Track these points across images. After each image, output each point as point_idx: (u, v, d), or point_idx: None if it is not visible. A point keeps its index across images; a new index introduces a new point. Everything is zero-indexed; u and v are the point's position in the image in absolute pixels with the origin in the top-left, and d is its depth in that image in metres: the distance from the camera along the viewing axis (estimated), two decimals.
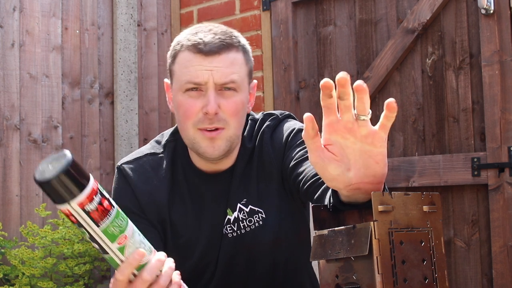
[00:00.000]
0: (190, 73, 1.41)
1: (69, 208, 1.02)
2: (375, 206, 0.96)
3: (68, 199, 1.01)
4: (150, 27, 4.00)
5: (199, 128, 1.43)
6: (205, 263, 1.53)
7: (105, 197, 1.05)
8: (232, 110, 1.43)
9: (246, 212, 1.51)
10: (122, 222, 1.06)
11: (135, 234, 1.09)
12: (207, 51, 1.41)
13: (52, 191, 1.01)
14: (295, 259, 1.59)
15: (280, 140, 1.54)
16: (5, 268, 3.12)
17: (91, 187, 1.03)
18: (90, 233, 1.05)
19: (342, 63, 3.43)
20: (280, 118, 1.59)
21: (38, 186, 1.01)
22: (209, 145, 1.44)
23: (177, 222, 1.52)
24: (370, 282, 0.96)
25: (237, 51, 1.46)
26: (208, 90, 1.41)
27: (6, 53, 3.38)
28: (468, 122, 3.02)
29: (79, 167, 1.02)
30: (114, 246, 1.06)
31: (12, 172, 3.35)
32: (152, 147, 1.59)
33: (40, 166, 1.03)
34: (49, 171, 1.01)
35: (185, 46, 1.43)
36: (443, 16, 3.12)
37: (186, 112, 1.43)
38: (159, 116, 3.95)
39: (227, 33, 1.46)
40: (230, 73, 1.42)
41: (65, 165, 1.00)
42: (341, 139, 1.00)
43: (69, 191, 1.01)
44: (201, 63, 1.41)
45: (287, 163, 1.49)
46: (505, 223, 2.86)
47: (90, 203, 1.02)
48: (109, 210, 1.05)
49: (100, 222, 1.04)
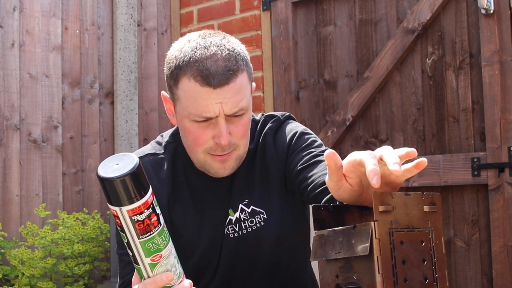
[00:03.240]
0: (200, 107, 1.37)
1: (119, 211, 1.02)
2: (375, 206, 0.96)
3: (122, 203, 1.01)
4: (150, 27, 4.00)
5: (210, 153, 1.43)
6: (206, 263, 1.53)
7: (156, 213, 1.05)
8: (242, 133, 1.43)
9: (247, 213, 1.51)
10: (162, 241, 1.07)
11: (171, 256, 1.10)
12: (216, 84, 1.36)
13: (111, 191, 1.00)
14: (296, 259, 1.59)
15: (283, 142, 1.54)
16: (5, 268, 3.12)
17: (146, 199, 1.02)
18: (129, 240, 1.05)
19: (342, 63, 3.43)
20: (282, 119, 1.59)
21: (99, 182, 1.00)
22: (220, 167, 1.45)
23: (178, 222, 1.52)
24: (370, 282, 0.96)
25: (242, 72, 1.40)
26: (219, 121, 1.39)
27: (6, 53, 3.38)
28: (468, 122, 3.02)
29: (143, 175, 1.02)
30: (147, 260, 1.07)
31: (12, 172, 3.34)
32: (153, 147, 1.59)
33: (106, 161, 1.02)
34: (114, 170, 1.00)
35: (190, 74, 1.37)
36: (443, 16, 3.12)
37: (197, 140, 1.42)
38: (159, 116, 3.96)
39: (231, 54, 1.39)
40: (239, 100, 1.39)
41: (132, 169, 0.99)
42: (363, 175, 1.03)
43: (127, 196, 1.00)
44: (210, 96, 1.36)
45: (292, 167, 1.49)
46: (505, 223, 2.86)
47: (139, 214, 1.02)
48: (155, 226, 1.05)
49: (142, 235, 1.04)
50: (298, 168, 1.47)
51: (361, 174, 1.03)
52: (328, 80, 3.48)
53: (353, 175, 1.04)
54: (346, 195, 1.06)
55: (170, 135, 1.59)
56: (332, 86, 3.46)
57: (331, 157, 1.01)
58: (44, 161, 3.46)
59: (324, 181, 1.36)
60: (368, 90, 3.29)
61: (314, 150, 1.49)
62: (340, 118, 3.37)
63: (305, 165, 1.46)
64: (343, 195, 1.06)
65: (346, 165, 1.03)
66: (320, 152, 1.48)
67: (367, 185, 1.06)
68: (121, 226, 1.04)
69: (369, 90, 3.28)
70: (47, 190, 3.46)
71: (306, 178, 1.43)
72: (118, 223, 1.04)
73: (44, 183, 3.46)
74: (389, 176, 1.03)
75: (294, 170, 1.49)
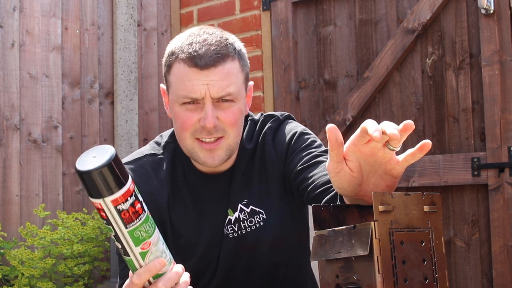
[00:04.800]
0: (187, 88, 1.40)
1: (102, 203, 1.01)
2: (375, 206, 0.96)
3: (104, 195, 1.00)
4: (150, 27, 4.00)
5: (196, 138, 1.44)
6: (206, 263, 1.53)
7: (139, 200, 1.04)
8: (231, 121, 1.43)
9: (247, 213, 1.51)
10: (149, 228, 1.06)
11: (160, 242, 1.09)
12: (202, 65, 1.38)
13: (90, 184, 0.99)
14: (296, 259, 1.59)
15: (282, 142, 1.54)
16: (5, 268, 3.12)
17: (127, 187, 1.02)
18: (116, 232, 1.04)
19: (342, 63, 3.43)
20: (281, 119, 1.59)
21: (78, 176, 0.99)
22: (207, 156, 1.45)
23: (178, 222, 1.52)
24: (370, 282, 0.96)
25: (233, 59, 1.43)
26: (205, 104, 1.41)
27: (6, 53, 3.37)
28: (468, 122, 3.02)
29: (121, 164, 1.01)
30: (137, 250, 1.06)
31: (12, 172, 3.34)
32: (152, 148, 1.59)
33: (83, 156, 1.01)
34: (91, 163, 0.99)
35: (180, 57, 1.41)
36: (443, 16, 3.12)
37: (184, 124, 1.43)
38: (159, 116, 3.95)
39: (222, 41, 1.42)
40: (227, 85, 1.40)
41: (109, 159, 0.98)
42: (363, 159, 1.04)
43: (108, 186, 0.99)
44: (197, 77, 1.39)
45: (292, 168, 1.49)
46: (505, 223, 2.86)
47: (123, 203, 1.02)
48: (140, 214, 1.04)
49: (129, 223, 1.03)
50: (298, 168, 1.47)
51: (361, 157, 1.03)
52: (328, 80, 3.48)
53: (353, 158, 1.04)
54: (345, 181, 1.05)
55: (169, 135, 1.60)
56: (332, 86, 3.46)
57: (332, 130, 1.01)
58: (44, 161, 3.46)
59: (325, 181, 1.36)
60: (368, 90, 3.29)
61: (314, 151, 1.49)
62: (340, 118, 3.37)
63: (305, 166, 1.46)
64: (343, 181, 1.05)
65: (348, 144, 1.03)
66: (320, 152, 1.49)
67: (367, 174, 1.06)
68: (107, 219, 1.03)
69: (369, 90, 3.28)
70: (47, 190, 3.46)
71: (306, 179, 1.43)
72: (103, 216, 1.03)
73: (44, 183, 3.46)
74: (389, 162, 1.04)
75: (294, 170, 1.49)
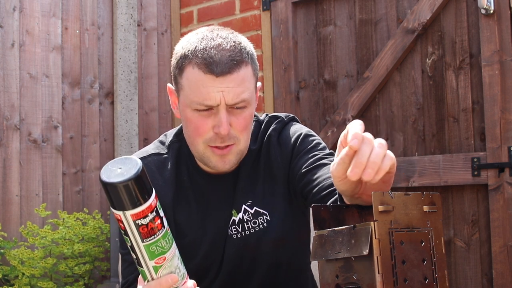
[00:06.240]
0: (202, 95, 1.38)
1: (122, 216, 1.01)
2: (375, 206, 0.96)
3: (125, 208, 1.00)
4: (150, 27, 4.00)
5: (210, 145, 1.43)
6: (209, 263, 1.53)
7: (159, 216, 1.04)
8: (243, 126, 1.43)
9: (251, 214, 1.51)
10: (166, 244, 1.06)
11: (175, 258, 1.10)
12: (218, 72, 1.36)
13: (115, 196, 0.99)
14: (297, 260, 1.59)
15: (287, 144, 1.54)
16: (5, 268, 3.12)
17: (150, 203, 1.02)
18: (132, 244, 1.05)
19: (342, 63, 3.43)
20: (286, 121, 1.60)
21: (102, 186, 0.99)
22: (219, 160, 1.44)
23: (182, 222, 1.52)
24: (370, 282, 0.96)
25: (246, 65, 1.41)
26: (220, 111, 1.39)
27: (6, 53, 3.38)
28: (468, 122, 3.02)
29: (146, 179, 1.01)
30: (151, 263, 1.07)
31: (12, 172, 3.34)
32: (157, 147, 1.58)
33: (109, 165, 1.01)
34: (117, 174, 0.99)
35: (194, 62, 1.39)
36: (443, 16, 3.12)
37: (197, 130, 1.42)
38: (159, 116, 3.95)
39: (236, 46, 1.41)
40: (241, 92, 1.39)
41: (135, 174, 0.98)
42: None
43: (130, 201, 0.99)
44: (212, 84, 1.37)
45: (297, 170, 1.49)
46: (505, 223, 2.86)
47: (143, 218, 1.02)
48: (158, 230, 1.04)
49: (146, 238, 1.03)
50: (302, 170, 1.47)
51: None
52: (328, 80, 3.48)
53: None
54: (349, 185, 1.07)
55: (174, 134, 1.59)
56: (332, 86, 3.46)
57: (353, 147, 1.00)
58: (44, 161, 3.46)
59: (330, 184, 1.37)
60: (368, 90, 3.29)
61: (318, 153, 1.49)
62: (340, 118, 3.37)
63: (309, 168, 1.46)
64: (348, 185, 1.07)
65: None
66: (324, 155, 1.49)
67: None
68: (125, 230, 1.03)
69: (369, 90, 3.28)
70: (47, 190, 3.46)
71: (311, 181, 1.44)
72: (121, 227, 1.03)
73: (44, 183, 3.46)
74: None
75: (298, 172, 1.49)
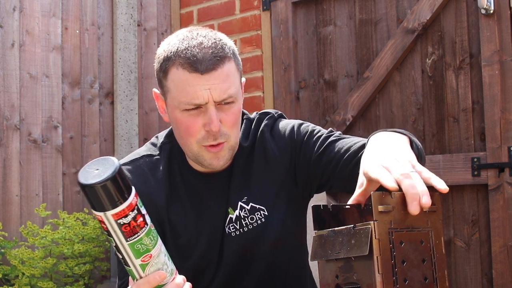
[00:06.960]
0: (189, 94, 1.39)
1: (103, 216, 1.01)
2: (375, 206, 0.96)
3: (105, 208, 1.00)
4: (150, 27, 4.00)
5: (203, 145, 1.44)
6: (206, 263, 1.53)
7: (141, 214, 1.04)
8: (232, 122, 1.44)
9: (247, 210, 1.52)
10: (151, 241, 1.06)
11: (161, 254, 1.09)
12: (203, 69, 1.38)
13: (93, 197, 0.99)
14: (296, 258, 1.59)
15: (281, 136, 1.56)
16: (5, 268, 3.12)
17: (129, 201, 1.02)
18: (117, 244, 1.04)
19: (342, 63, 3.43)
20: (276, 116, 1.62)
21: (81, 189, 0.99)
22: (213, 158, 1.45)
23: (176, 222, 1.52)
24: (370, 282, 0.96)
25: (229, 60, 1.42)
26: (209, 108, 1.40)
27: (6, 53, 3.38)
28: (468, 122, 3.02)
29: (124, 178, 1.01)
30: (137, 262, 1.06)
31: (12, 172, 3.34)
32: (148, 149, 1.59)
33: (86, 167, 1.01)
34: (94, 176, 0.98)
35: (178, 62, 1.40)
36: (443, 16, 3.12)
37: (188, 130, 1.43)
38: (159, 116, 3.95)
39: (217, 43, 1.42)
40: (228, 87, 1.40)
41: (111, 173, 0.98)
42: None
43: (109, 201, 0.99)
44: (198, 82, 1.38)
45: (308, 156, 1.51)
46: (505, 223, 2.86)
47: (125, 217, 1.02)
48: (141, 227, 1.04)
49: (130, 237, 1.03)
50: (316, 154, 1.49)
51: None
52: (328, 80, 3.48)
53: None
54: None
55: (165, 136, 1.60)
56: (332, 86, 3.46)
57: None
58: (44, 161, 3.46)
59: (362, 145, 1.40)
60: (368, 90, 3.29)
61: (321, 134, 1.52)
62: (340, 118, 3.37)
63: (322, 148, 1.49)
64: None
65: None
66: (327, 134, 1.52)
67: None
68: (108, 231, 1.03)
69: (369, 90, 3.28)
70: (47, 190, 3.46)
71: (334, 155, 1.47)
72: (104, 227, 1.03)
73: (44, 183, 3.46)
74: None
75: (312, 157, 1.50)
